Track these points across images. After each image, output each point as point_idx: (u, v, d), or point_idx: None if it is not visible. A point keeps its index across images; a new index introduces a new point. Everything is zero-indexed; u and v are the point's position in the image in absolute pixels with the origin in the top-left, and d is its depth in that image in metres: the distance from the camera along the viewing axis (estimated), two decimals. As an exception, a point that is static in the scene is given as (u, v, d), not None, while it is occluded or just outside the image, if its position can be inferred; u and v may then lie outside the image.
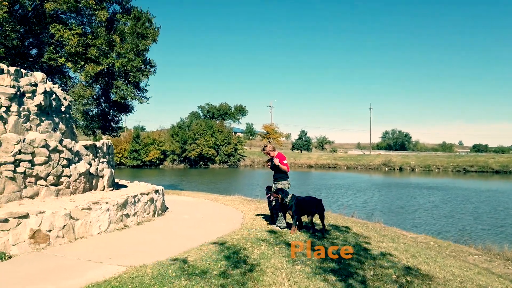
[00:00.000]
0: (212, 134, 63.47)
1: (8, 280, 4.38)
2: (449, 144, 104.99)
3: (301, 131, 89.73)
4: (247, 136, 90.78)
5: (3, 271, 4.72)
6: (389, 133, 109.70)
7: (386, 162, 59.85)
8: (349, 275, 4.93)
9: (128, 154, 61.93)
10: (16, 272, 4.68)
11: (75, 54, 13.75)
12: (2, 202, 6.31)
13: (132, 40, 15.16)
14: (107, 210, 7.01)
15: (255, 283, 4.46)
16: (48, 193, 7.18)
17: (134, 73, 15.52)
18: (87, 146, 8.38)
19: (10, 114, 7.36)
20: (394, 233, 9.35)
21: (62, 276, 4.55)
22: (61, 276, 4.55)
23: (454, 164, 54.74)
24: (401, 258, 6.07)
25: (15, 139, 6.53)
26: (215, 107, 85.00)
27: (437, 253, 7.55)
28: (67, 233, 6.18)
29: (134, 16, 15.43)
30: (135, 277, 4.47)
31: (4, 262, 5.08)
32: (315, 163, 65.44)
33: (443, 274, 5.43)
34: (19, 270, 4.74)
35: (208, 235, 6.83)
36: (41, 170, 7.00)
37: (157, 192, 9.22)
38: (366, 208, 19.13)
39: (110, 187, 9.03)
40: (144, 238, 6.65)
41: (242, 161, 66.96)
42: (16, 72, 7.69)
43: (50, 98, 8.59)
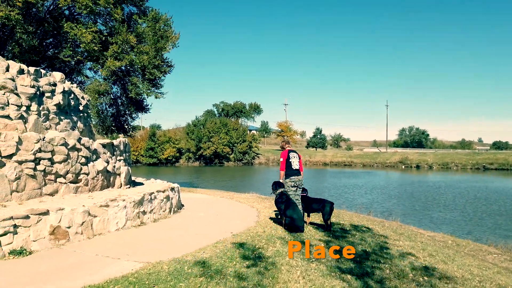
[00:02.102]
0: (227, 132, 63.69)
1: (29, 275, 4.50)
2: (468, 141, 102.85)
3: (316, 129, 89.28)
4: (261, 134, 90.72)
5: (25, 266, 4.85)
6: (406, 130, 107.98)
7: (402, 159, 59.01)
8: (365, 274, 4.89)
9: (145, 152, 62.75)
10: (37, 267, 4.81)
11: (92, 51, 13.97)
12: (23, 199, 6.48)
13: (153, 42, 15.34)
14: (124, 207, 7.12)
15: (270, 280, 4.47)
16: (67, 191, 7.34)
17: (151, 70, 15.73)
18: (105, 145, 8.52)
19: (30, 113, 7.54)
20: (411, 231, 9.24)
21: (81, 272, 4.65)
22: (80, 272, 4.65)
23: (473, 162, 53.59)
24: (418, 257, 6.00)
25: (35, 137, 6.69)
26: (230, 105, 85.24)
27: (455, 252, 7.43)
28: (85, 229, 6.31)
29: (152, 17, 15.61)
30: (151, 273, 4.54)
31: (25, 257, 5.22)
32: (330, 161, 65.00)
33: (461, 273, 5.35)
34: (39, 266, 4.87)
35: (223, 233, 6.87)
36: (60, 168, 7.15)
37: (173, 190, 9.32)
38: (383, 207, 18.93)
39: (127, 184, 9.16)
40: (160, 235, 6.74)
41: (257, 159, 66.99)
42: (35, 72, 7.87)
43: (68, 98, 8.76)
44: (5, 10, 11.98)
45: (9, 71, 7.37)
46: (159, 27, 15.67)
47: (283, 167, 7.97)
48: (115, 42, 14.45)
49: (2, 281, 4.28)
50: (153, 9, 16.05)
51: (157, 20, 15.74)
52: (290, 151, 8.11)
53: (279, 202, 7.50)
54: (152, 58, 15.29)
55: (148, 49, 15.23)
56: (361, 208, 14.58)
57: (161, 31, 15.76)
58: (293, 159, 8.00)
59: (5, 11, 11.95)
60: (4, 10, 11.96)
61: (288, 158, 7.98)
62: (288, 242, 6.20)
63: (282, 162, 7.96)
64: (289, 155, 8.01)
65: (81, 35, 13.31)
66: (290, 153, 8.05)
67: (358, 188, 27.74)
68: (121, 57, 14.53)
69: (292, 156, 8.02)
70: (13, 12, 12.06)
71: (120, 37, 14.41)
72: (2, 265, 4.84)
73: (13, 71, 7.41)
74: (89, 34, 13.35)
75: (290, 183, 7.89)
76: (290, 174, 7.95)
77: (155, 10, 16.02)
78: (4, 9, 12.01)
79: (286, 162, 7.95)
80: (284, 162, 7.96)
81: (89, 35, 13.31)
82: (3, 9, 12.00)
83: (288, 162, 7.97)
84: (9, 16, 12.00)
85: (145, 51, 15.19)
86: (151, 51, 15.23)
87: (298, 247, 5.94)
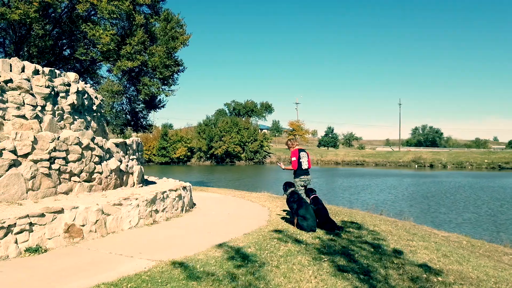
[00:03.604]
0: (238, 131, 63.80)
1: (45, 273, 4.58)
2: (483, 140, 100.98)
3: (328, 128, 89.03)
4: (273, 133, 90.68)
5: (40, 264, 4.94)
6: (420, 129, 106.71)
7: (416, 158, 58.34)
8: (378, 274, 4.85)
9: (157, 151, 63.31)
10: (52, 265, 4.89)
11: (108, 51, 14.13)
12: (39, 197, 6.60)
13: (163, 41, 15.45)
14: (137, 206, 7.19)
15: (282, 280, 4.46)
16: (81, 189, 7.44)
17: (161, 69, 15.85)
18: (118, 144, 8.62)
19: (45, 113, 7.66)
20: (424, 231, 9.12)
21: (95, 270, 4.71)
22: (94, 270, 4.71)
23: (488, 161, 52.70)
24: (431, 257, 5.92)
25: (50, 137, 6.80)
26: (241, 104, 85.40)
27: (470, 252, 7.31)
28: (99, 227, 6.39)
29: (164, 17, 15.71)
30: (164, 272, 4.57)
31: (41, 255, 5.31)
32: (342, 160, 64.62)
33: (476, 274, 5.26)
34: (54, 263, 4.95)
35: (235, 231, 6.88)
36: (75, 167, 7.26)
37: (185, 189, 9.37)
38: (395, 206, 18.74)
39: (139, 183, 9.25)
40: (172, 234, 6.79)
41: (268, 158, 66.96)
42: (50, 73, 7.99)
43: (82, 97, 8.88)
44: (23, 7, 12.17)
45: (25, 72, 7.51)
46: (170, 27, 15.77)
47: (295, 165, 7.98)
48: (129, 43, 14.60)
49: (19, 278, 4.37)
50: (165, 10, 16.16)
51: (169, 20, 15.84)
52: (300, 150, 8.12)
53: (291, 201, 7.49)
54: (163, 59, 15.41)
55: (160, 50, 15.33)
56: (373, 207, 14.47)
57: (173, 31, 15.85)
58: (303, 159, 8.03)
59: (23, 8, 12.14)
60: (23, 8, 12.15)
61: (299, 157, 7.99)
62: (300, 242, 6.18)
63: (295, 161, 7.96)
64: (299, 154, 8.01)
65: (99, 36, 13.47)
66: (300, 152, 8.05)
67: (370, 188, 27.52)
68: (133, 58, 14.67)
69: (302, 155, 8.04)
70: (31, 9, 12.25)
71: (135, 39, 14.54)
72: (18, 262, 4.94)
73: (29, 72, 7.54)
74: (107, 36, 13.50)
75: (300, 182, 7.93)
76: (300, 174, 7.99)
77: (167, 10, 16.13)
78: (23, 6, 12.19)
79: (298, 161, 7.98)
80: (297, 161, 7.97)
81: (107, 37, 13.46)
82: (22, 6, 12.19)
83: (299, 161, 7.98)
84: (27, 13, 12.18)
85: (157, 52, 15.30)
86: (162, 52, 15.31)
87: (310, 246, 5.92)
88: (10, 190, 6.19)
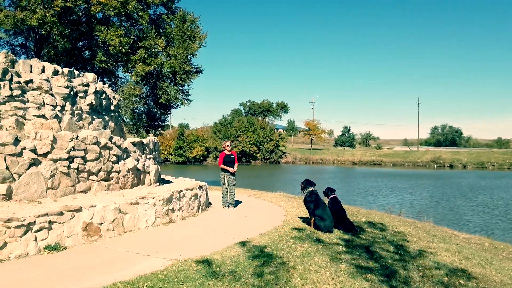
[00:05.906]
0: (254, 131, 63.79)
1: (64, 270, 4.63)
2: (505, 139, 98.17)
3: (344, 127, 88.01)
4: (289, 132, 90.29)
5: (59, 261, 5.00)
6: (439, 128, 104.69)
7: (435, 158, 57.17)
8: (397, 276, 4.74)
9: (173, 151, 63.83)
10: (70, 263, 4.94)
11: (123, 54, 14.27)
12: (58, 196, 6.70)
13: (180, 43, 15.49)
14: (153, 205, 7.23)
15: (299, 281, 4.40)
16: (99, 188, 7.53)
17: (181, 75, 15.90)
18: (135, 143, 8.69)
19: (64, 113, 7.78)
20: (444, 233, 8.90)
21: (112, 268, 4.74)
22: (111, 268, 4.74)
23: (510, 161, 51.24)
24: (453, 259, 5.76)
25: (69, 136, 6.90)
26: (256, 104, 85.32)
27: (492, 255, 7.09)
28: (116, 226, 6.44)
29: (180, 17, 15.76)
30: (180, 271, 4.57)
31: (60, 252, 5.38)
32: (359, 159, 63.83)
33: (500, 278, 5.08)
34: (73, 261, 5.01)
35: (250, 231, 6.85)
36: (93, 166, 7.34)
37: (201, 188, 9.39)
38: (414, 207, 18.39)
39: (156, 182, 9.31)
40: (188, 233, 6.79)
41: (284, 157, 66.73)
42: (69, 73, 8.11)
43: (100, 98, 8.99)
44: (41, 12, 12.40)
45: (45, 72, 7.64)
46: (187, 27, 15.82)
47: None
48: (143, 46, 14.69)
49: (39, 275, 4.43)
50: (181, 9, 16.23)
51: (184, 20, 15.89)
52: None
53: (308, 201, 7.40)
54: (182, 63, 15.43)
55: (176, 52, 15.35)
56: (391, 207, 14.22)
57: (189, 31, 15.90)
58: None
59: (41, 13, 12.37)
60: (40, 13, 12.38)
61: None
62: (317, 242, 6.10)
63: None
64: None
65: (109, 38, 13.60)
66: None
67: (388, 188, 27.10)
68: (149, 61, 14.73)
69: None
70: (48, 14, 12.47)
71: (148, 42, 14.63)
72: (38, 260, 5.01)
73: (48, 72, 7.67)
74: (116, 37, 13.59)
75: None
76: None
77: (182, 9, 16.18)
78: (40, 11, 12.43)
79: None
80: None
81: (116, 38, 13.56)
82: (39, 11, 12.42)
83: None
84: (44, 18, 12.42)
85: (173, 54, 15.34)
86: (180, 53, 15.34)
87: (327, 247, 5.83)
88: (30, 188, 6.30)
